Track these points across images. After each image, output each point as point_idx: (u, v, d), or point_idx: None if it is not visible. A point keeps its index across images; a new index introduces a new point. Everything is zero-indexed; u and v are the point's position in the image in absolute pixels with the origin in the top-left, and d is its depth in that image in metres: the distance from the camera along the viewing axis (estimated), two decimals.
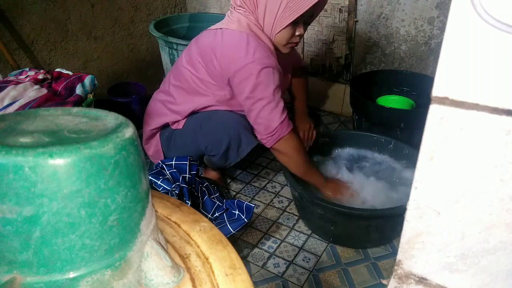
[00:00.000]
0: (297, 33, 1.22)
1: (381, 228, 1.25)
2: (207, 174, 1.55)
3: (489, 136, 0.33)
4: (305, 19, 1.22)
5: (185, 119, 1.37)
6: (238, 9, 1.23)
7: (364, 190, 1.39)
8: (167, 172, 1.25)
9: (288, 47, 1.26)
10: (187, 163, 1.27)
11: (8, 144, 0.35)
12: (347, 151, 1.60)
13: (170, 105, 1.38)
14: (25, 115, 0.44)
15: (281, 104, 1.22)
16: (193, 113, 1.35)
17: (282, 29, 1.19)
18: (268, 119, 1.21)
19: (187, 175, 1.25)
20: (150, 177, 1.21)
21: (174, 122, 1.39)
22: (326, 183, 1.37)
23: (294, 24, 1.19)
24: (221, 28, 1.24)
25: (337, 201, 1.33)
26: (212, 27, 1.29)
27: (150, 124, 1.44)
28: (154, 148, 1.47)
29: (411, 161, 1.45)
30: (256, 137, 1.29)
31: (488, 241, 0.39)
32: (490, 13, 0.29)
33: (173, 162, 1.27)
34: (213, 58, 1.22)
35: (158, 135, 1.45)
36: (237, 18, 1.23)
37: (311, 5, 1.13)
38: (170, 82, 1.39)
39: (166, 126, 1.42)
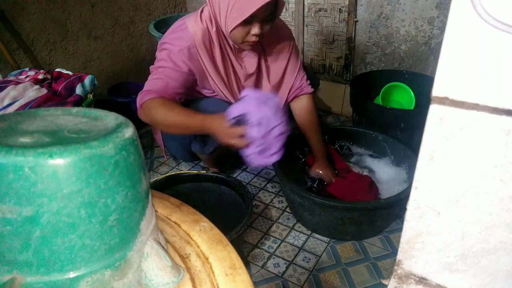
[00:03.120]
0: (252, 32, 1.16)
1: (357, 221, 1.27)
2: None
3: (489, 136, 0.33)
4: (262, 18, 1.15)
5: None
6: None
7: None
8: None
9: (246, 45, 1.22)
10: None
11: (8, 144, 0.35)
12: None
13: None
14: (25, 115, 0.44)
15: (155, 77, 1.23)
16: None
17: (233, 29, 1.15)
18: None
19: None
20: None
21: None
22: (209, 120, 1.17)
23: (247, 23, 1.14)
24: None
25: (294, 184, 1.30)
26: None
27: None
28: (157, 138, 1.54)
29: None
30: None
31: (488, 241, 0.39)
32: (490, 13, 0.29)
33: None
34: None
35: None
36: (201, 8, 1.27)
37: (256, 8, 1.08)
38: None
39: None
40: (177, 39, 1.22)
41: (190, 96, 1.36)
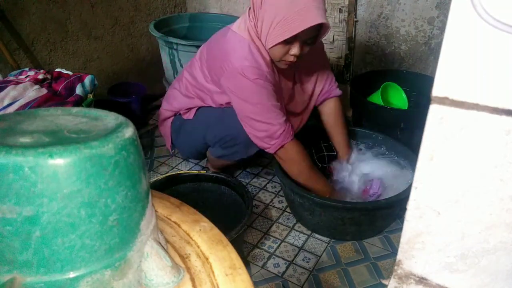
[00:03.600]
0: (291, 53, 1.15)
1: (357, 221, 1.27)
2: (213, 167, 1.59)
3: (489, 136, 0.33)
4: (304, 39, 1.15)
5: (195, 109, 1.40)
6: (250, 10, 1.23)
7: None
8: None
9: (283, 64, 1.21)
10: None
11: (8, 144, 0.35)
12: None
13: (184, 91, 1.41)
14: (25, 115, 0.44)
15: (266, 116, 1.22)
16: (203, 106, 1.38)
17: (273, 46, 1.14)
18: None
19: None
20: None
21: (185, 112, 1.42)
22: (332, 192, 1.35)
23: (288, 42, 1.14)
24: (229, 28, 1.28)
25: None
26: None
27: (166, 106, 1.50)
28: (164, 131, 1.55)
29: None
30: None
31: (488, 241, 0.39)
32: (490, 13, 0.29)
33: None
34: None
35: (170, 121, 1.49)
36: (244, 20, 1.24)
37: (302, 29, 1.07)
38: (186, 71, 1.43)
39: (178, 115, 1.47)
40: (252, 71, 1.18)
41: (201, 99, 1.36)
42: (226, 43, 1.23)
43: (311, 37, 1.16)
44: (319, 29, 1.15)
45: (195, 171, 1.35)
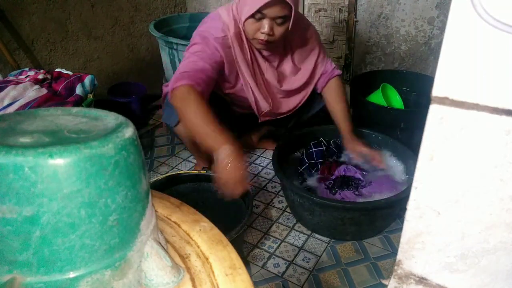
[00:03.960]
0: (261, 31, 1.20)
1: (357, 221, 1.28)
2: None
3: (489, 136, 0.33)
4: (272, 18, 1.17)
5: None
6: None
7: None
8: None
9: (257, 43, 1.26)
10: None
11: (8, 144, 0.35)
12: None
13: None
14: (25, 115, 0.44)
15: (191, 59, 1.23)
16: None
17: (244, 21, 1.21)
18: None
19: None
20: None
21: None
22: (222, 156, 1.05)
23: (258, 20, 1.19)
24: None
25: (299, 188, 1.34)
26: None
27: (165, 83, 1.51)
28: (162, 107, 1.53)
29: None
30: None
31: (488, 241, 0.39)
32: (490, 13, 0.29)
33: None
34: None
35: (164, 96, 1.50)
36: (233, 2, 1.31)
37: (261, 4, 1.13)
38: None
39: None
40: (213, 28, 1.27)
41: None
42: (205, 19, 1.34)
43: (280, 16, 1.19)
44: (290, 11, 1.19)
45: (195, 171, 1.35)
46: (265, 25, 1.19)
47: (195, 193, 1.34)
